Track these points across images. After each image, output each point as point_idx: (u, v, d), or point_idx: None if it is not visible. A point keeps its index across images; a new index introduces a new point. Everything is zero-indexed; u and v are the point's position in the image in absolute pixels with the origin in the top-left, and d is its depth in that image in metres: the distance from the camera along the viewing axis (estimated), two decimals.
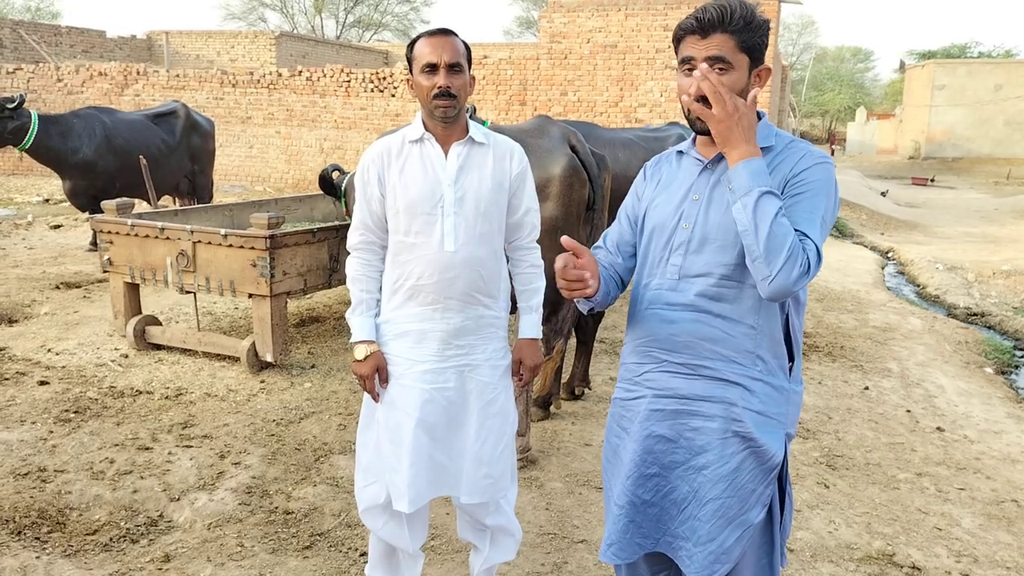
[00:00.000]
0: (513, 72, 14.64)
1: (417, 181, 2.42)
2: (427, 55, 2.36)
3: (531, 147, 3.78)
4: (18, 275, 7.80)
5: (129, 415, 4.47)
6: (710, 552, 1.95)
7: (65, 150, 8.52)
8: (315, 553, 3.20)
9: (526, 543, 3.19)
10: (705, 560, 1.96)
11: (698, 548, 1.97)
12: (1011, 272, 9.84)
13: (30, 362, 5.30)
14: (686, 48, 1.89)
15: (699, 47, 1.86)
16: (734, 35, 1.85)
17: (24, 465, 3.81)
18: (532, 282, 2.66)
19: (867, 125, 38.32)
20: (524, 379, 2.66)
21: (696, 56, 1.86)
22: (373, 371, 2.47)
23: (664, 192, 2.06)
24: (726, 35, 1.85)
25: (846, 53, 57.37)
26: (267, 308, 5.03)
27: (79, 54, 22.98)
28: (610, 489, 2.15)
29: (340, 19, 41.09)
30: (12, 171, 17.81)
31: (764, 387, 1.94)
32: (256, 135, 16.70)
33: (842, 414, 4.91)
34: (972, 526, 3.60)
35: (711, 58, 1.84)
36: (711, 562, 1.95)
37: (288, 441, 4.19)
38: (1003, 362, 6.49)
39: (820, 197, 1.86)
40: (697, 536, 1.97)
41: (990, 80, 31.17)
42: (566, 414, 4.71)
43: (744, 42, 1.86)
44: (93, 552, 3.16)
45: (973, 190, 22.95)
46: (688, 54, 1.88)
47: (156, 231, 5.25)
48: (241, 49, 24.40)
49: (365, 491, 2.59)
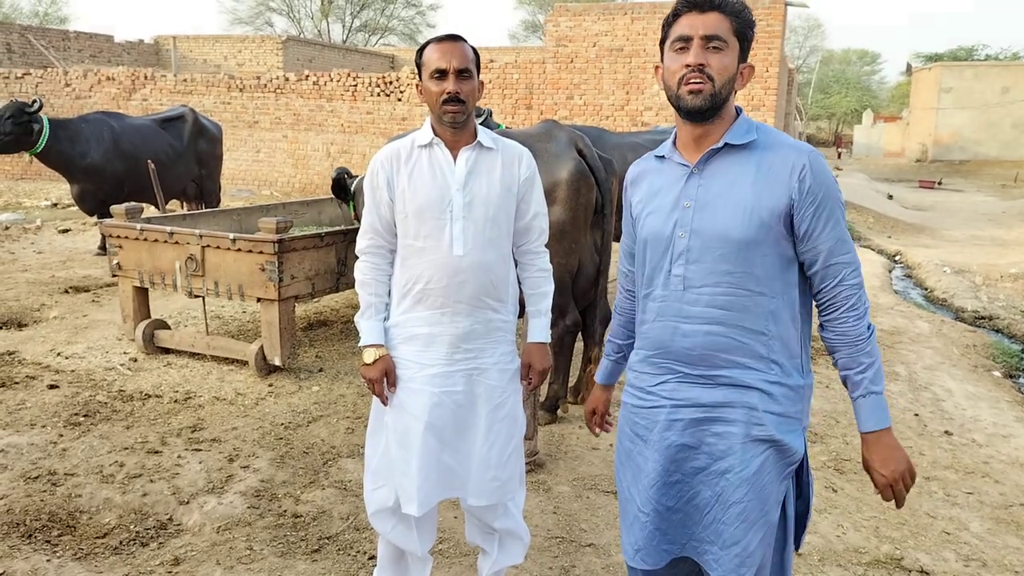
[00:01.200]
0: (519, 76, 14.66)
1: (426, 185, 2.43)
2: (436, 61, 2.37)
3: (538, 152, 3.79)
4: (27, 279, 7.84)
5: (138, 419, 4.49)
6: (736, 555, 1.95)
7: (73, 155, 8.58)
8: (324, 556, 3.21)
9: (534, 547, 3.20)
10: (732, 563, 1.96)
11: (724, 551, 1.97)
12: (1019, 275, 9.81)
13: (40, 366, 5.33)
14: (681, 27, 1.90)
15: (696, 23, 1.87)
16: (730, 17, 1.88)
17: (34, 468, 3.83)
18: (540, 286, 2.67)
19: (874, 128, 38.23)
20: (532, 383, 2.67)
21: (693, 34, 1.87)
22: (382, 375, 2.48)
23: (653, 201, 2.03)
24: (723, 15, 1.87)
25: (853, 56, 57.27)
26: (275, 312, 5.05)
27: (87, 59, 23.09)
28: (626, 492, 2.14)
29: (346, 23, 41.25)
30: (21, 175, 17.90)
31: (781, 389, 1.94)
32: (263, 139, 16.75)
33: (850, 418, 4.90)
34: (980, 530, 3.59)
35: (708, 36, 1.86)
36: (737, 565, 1.95)
37: (296, 445, 4.21)
38: (1011, 365, 6.47)
39: (835, 205, 1.90)
40: (723, 540, 1.97)
41: (997, 83, 31.08)
42: (573, 418, 4.71)
43: (738, 27, 1.89)
44: (103, 555, 3.18)
45: (980, 193, 22.87)
46: (684, 33, 1.89)
47: (165, 235, 5.28)
48: (248, 53, 24.50)
49: (374, 495, 2.60)
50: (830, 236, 1.88)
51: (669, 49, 1.93)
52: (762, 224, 1.87)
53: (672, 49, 1.92)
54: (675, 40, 1.91)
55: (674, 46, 1.91)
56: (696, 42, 1.86)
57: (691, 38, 1.87)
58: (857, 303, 1.90)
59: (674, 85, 1.91)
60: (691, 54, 1.87)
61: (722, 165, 1.94)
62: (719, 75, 1.87)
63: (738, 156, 1.93)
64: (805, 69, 48.78)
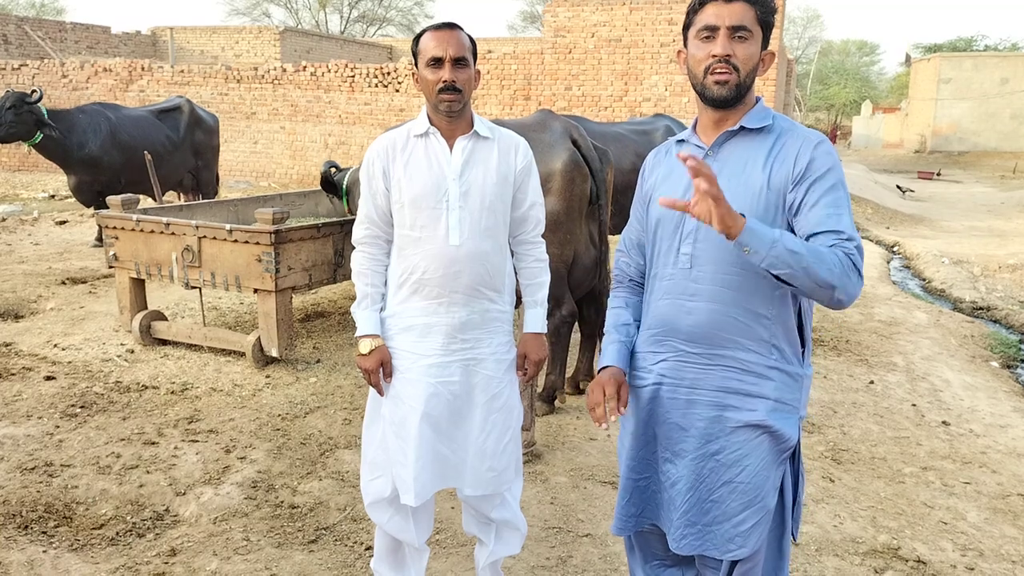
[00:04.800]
0: (517, 67, 14.62)
1: (422, 175, 2.42)
2: (432, 49, 2.36)
3: (533, 142, 3.76)
4: (24, 271, 7.83)
5: (135, 410, 4.48)
6: (725, 531, 1.98)
7: (71, 146, 8.54)
8: (321, 547, 3.21)
9: (531, 537, 3.20)
10: (720, 539, 1.99)
11: (714, 528, 2.00)
12: (1017, 266, 9.80)
13: (36, 357, 5.32)
14: (706, 16, 1.91)
15: (723, 12, 1.88)
16: (755, 6, 1.90)
17: (31, 460, 3.82)
18: (537, 276, 2.66)
19: (873, 119, 38.17)
20: (529, 374, 2.66)
21: (719, 24, 1.88)
22: (378, 365, 2.48)
23: (667, 182, 2.07)
24: (748, 5, 1.89)
25: (852, 47, 57.10)
26: (272, 303, 5.04)
27: (84, 50, 23.01)
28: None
29: (344, 14, 41.12)
30: (18, 167, 17.87)
31: (780, 375, 1.96)
32: (261, 131, 16.71)
33: (847, 408, 4.90)
34: (978, 520, 3.59)
35: (734, 27, 1.87)
36: (726, 540, 1.98)
37: (293, 435, 4.20)
38: (1009, 356, 6.47)
39: (838, 186, 1.88)
40: (711, 516, 2.00)
41: (996, 73, 31.00)
42: (571, 408, 4.71)
43: (762, 16, 1.91)
44: (100, 546, 3.18)
45: (979, 184, 22.85)
46: (710, 22, 1.90)
47: (161, 227, 5.26)
48: (245, 44, 24.41)
49: (371, 485, 2.59)
50: (825, 209, 1.83)
51: (695, 37, 1.94)
52: (770, 205, 1.89)
53: (698, 37, 1.93)
54: (701, 28, 1.92)
55: (700, 34, 1.92)
56: (723, 32, 1.88)
57: (718, 28, 1.89)
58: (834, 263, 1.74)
59: (700, 73, 1.93)
60: (718, 44, 1.88)
61: (736, 147, 1.96)
62: (744, 65, 1.90)
63: (752, 139, 1.96)
64: (804, 60, 48.73)
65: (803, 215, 1.86)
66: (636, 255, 2.20)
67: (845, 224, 1.82)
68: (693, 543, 2.02)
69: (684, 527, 2.03)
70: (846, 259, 1.76)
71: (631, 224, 2.23)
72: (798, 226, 1.88)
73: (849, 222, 1.84)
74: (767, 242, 1.71)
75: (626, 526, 2.18)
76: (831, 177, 1.87)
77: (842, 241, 1.78)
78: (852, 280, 1.76)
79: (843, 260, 1.75)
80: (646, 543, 2.26)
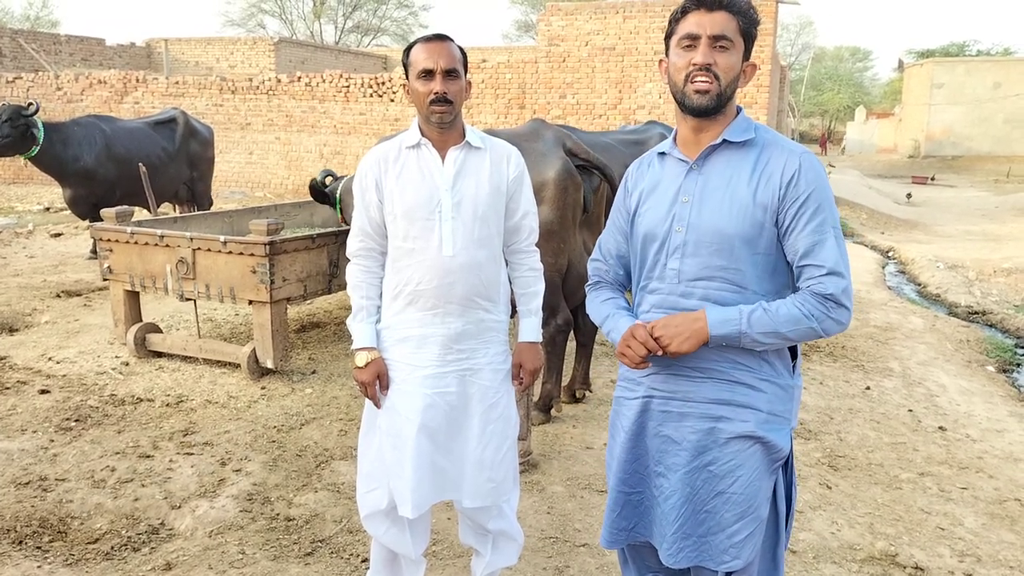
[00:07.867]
0: (512, 75, 14.66)
1: (415, 186, 2.42)
2: (423, 61, 2.36)
3: (525, 151, 3.77)
4: (19, 284, 7.81)
5: (130, 423, 4.47)
6: (719, 543, 1.98)
7: (66, 158, 8.54)
8: (317, 560, 3.19)
9: (528, 547, 3.19)
10: (715, 551, 1.99)
11: (708, 539, 1.99)
12: (1012, 270, 9.83)
13: (31, 371, 5.30)
14: (688, 25, 1.91)
15: (704, 21, 1.88)
16: (737, 16, 1.89)
17: (25, 474, 3.80)
18: (531, 286, 2.66)
19: (867, 124, 38.35)
20: (524, 383, 2.66)
21: (701, 33, 1.88)
22: (374, 378, 2.48)
23: (651, 196, 2.06)
24: (730, 14, 1.89)
25: (845, 53, 57.38)
26: (267, 314, 5.03)
27: (78, 62, 23.00)
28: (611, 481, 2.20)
29: (339, 25, 41.18)
30: (13, 180, 17.84)
31: (771, 387, 1.96)
32: (256, 141, 16.72)
33: (844, 414, 4.90)
34: (975, 525, 3.59)
35: (715, 36, 1.87)
36: (720, 552, 1.98)
37: (289, 447, 4.19)
38: (1005, 360, 6.48)
39: (823, 207, 1.88)
40: (705, 527, 2.00)
41: (989, 78, 31.17)
42: (567, 417, 4.70)
43: (744, 26, 1.91)
44: (95, 561, 3.16)
45: (973, 188, 22.93)
46: (692, 31, 1.89)
47: (156, 239, 5.26)
48: (240, 55, 24.43)
49: (367, 497, 2.58)
50: (808, 237, 1.87)
51: (676, 45, 1.94)
52: (755, 221, 1.89)
53: (679, 46, 1.93)
54: (683, 37, 1.91)
55: (681, 43, 1.92)
56: (704, 41, 1.88)
57: (699, 36, 1.88)
58: (810, 314, 1.84)
59: (680, 82, 1.92)
60: (699, 53, 1.88)
61: (720, 161, 1.96)
62: (725, 74, 1.89)
63: (736, 153, 1.95)
64: (797, 66, 48.86)
65: (791, 241, 1.90)
66: (615, 265, 2.20)
67: (827, 253, 1.86)
68: (689, 555, 2.01)
69: (679, 540, 2.02)
70: (822, 304, 1.83)
71: (610, 232, 2.21)
72: (787, 250, 1.92)
73: (832, 248, 1.86)
74: (736, 333, 1.87)
75: (617, 539, 2.17)
76: (816, 198, 1.88)
77: (821, 278, 1.85)
78: (833, 318, 1.85)
79: (817, 308, 1.83)
80: (639, 556, 2.25)
